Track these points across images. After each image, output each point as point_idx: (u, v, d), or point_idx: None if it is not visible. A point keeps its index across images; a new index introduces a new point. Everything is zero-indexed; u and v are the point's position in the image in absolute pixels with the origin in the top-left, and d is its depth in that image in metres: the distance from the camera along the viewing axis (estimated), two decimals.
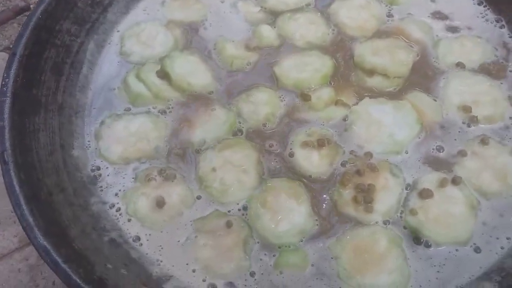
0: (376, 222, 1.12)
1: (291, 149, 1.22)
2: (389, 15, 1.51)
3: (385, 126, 1.25)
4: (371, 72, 1.35)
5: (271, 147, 1.24)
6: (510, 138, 1.25)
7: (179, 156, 1.22)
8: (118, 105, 1.33)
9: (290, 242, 1.10)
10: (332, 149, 1.22)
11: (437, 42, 1.43)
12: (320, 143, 1.21)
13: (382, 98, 1.30)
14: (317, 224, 1.13)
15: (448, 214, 1.12)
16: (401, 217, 1.13)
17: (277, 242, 1.10)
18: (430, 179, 1.18)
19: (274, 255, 1.09)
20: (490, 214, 1.14)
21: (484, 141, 1.22)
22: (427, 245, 1.09)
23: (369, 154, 1.21)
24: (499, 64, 1.39)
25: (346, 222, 1.13)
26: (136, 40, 1.44)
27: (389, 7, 1.53)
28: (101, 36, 1.45)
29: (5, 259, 1.38)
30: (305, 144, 1.21)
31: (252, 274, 1.07)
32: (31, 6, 1.81)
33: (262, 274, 1.07)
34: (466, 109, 1.28)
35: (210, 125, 1.27)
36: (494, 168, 1.19)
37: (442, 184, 1.15)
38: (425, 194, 1.14)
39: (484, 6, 1.51)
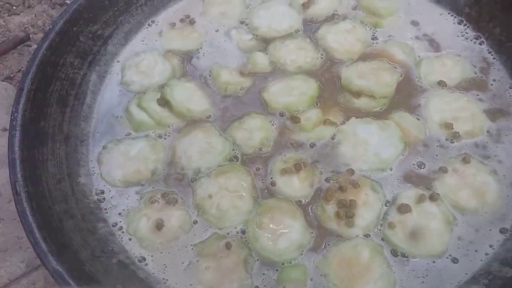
0: (357, 236, 1.18)
1: (271, 178, 1.28)
2: (374, 38, 1.58)
3: (371, 145, 1.32)
4: (358, 94, 1.42)
5: (257, 170, 1.30)
6: (491, 157, 1.31)
7: (178, 181, 1.29)
8: (120, 131, 1.40)
9: (291, 257, 1.16)
10: (309, 171, 1.29)
11: (419, 62, 1.50)
12: (297, 168, 1.27)
13: (368, 118, 1.37)
14: (313, 237, 1.19)
15: (424, 229, 1.18)
16: (380, 230, 1.20)
17: (279, 260, 1.16)
18: (409, 195, 1.24)
19: (276, 270, 1.15)
20: (466, 229, 1.20)
21: (466, 159, 1.28)
22: (404, 256, 1.16)
23: (350, 171, 1.28)
24: (479, 80, 1.46)
25: (329, 236, 1.19)
26: (135, 70, 1.52)
27: (373, 30, 1.60)
28: (102, 67, 1.53)
29: (13, 285, 1.43)
30: (284, 171, 1.27)
31: None
32: (31, 36, 1.87)
33: (265, 286, 1.14)
34: (447, 126, 1.35)
35: (207, 155, 1.33)
36: (473, 186, 1.25)
37: (420, 200, 1.22)
38: (403, 209, 1.20)
39: (464, 25, 1.59)
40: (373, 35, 1.59)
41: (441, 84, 1.45)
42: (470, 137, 1.35)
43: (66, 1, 1.98)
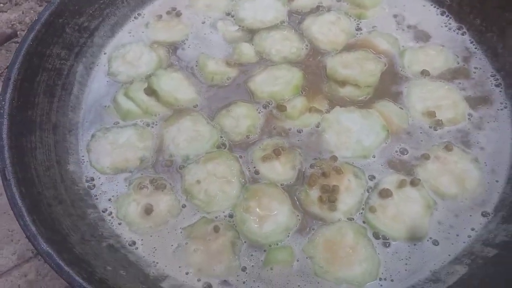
0: (339, 220, 1.21)
1: (254, 167, 1.30)
2: (358, 29, 1.62)
3: (354, 133, 1.35)
4: (343, 83, 1.45)
5: (241, 158, 1.32)
6: (473, 144, 1.35)
7: (166, 167, 1.31)
8: (108, 120, 1.42)
9: (278, 239, 1.19)
10: (289, 154, 1.32)
11: (403, 52, 1.54)
12: (277, 153, 1.30)
13: (352, 107, 1.40)
14: (299, 219, 1.22)
15: (405, 212, 1.22)
16: (362, 214, 1.22)
17: (265, 242, 1.18)
18: (390, 180, 1.27)
19: (264, 250, 1.18)
20: (446, 214, 1.23)
21: (448, 147, 1.31)
22: (385, 239, 1.19)
23: (334, 158, 1.30)
24: (461, 69, 1.50)
25: (313, 219, 1.22)
26: (122, 61, 1.54)
27: (358, 21, 1.64)
28: (89, 58, 1.54)
29: (5, 276, 1.43)
30: (265, 158, 1.30)
31: (244, 269, 1.16)
32: (18, 33, 1.87)
33: (252, 266, 1.16)
34: (430, 114, 1.38)
35: (194, 143, 1.35)
36: (454, 173, 1.29)
37: (401, 185, 1.24)
38: (384, 193, 1.23)
39: (446, 16, 1.63)
40: (357, 26, 1.62)
41: (424, 73, 1.48)
42: (453, 124, 1.38)
43: None
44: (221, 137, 1.36)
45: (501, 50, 1.48)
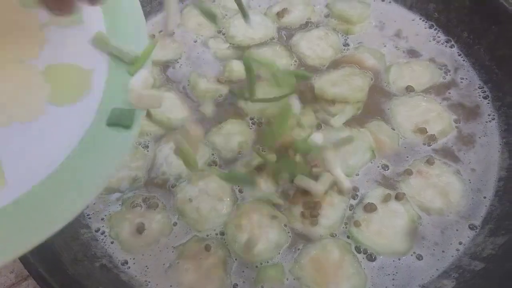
0: (321, 236, 1.21)
1: (237, 186, 1.30)
2: (345, 44, 1.63)
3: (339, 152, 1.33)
4: (332, 102, 1.45)
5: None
6: (460, 158, 1.35)
7: (159, 186, 1.31)
8: None
9: (268, 257, 1.19)
10: (270, 170, 1.31)
11: (388, 68, 1.55)
12: (258, 169, 1.31)
13: (342, 126, 1.40)
14: (290, 236, 1.22)
15: (389, 227, 1.21)
16: (345, 228, 1.22)
17: (257, 260, 1.18)
18: (375, 194, 1.26)
19: (256, 266, 1.18)
20: (431, 230, 1.23)
21: (429, 161, 1.31)
22: (367, 253, 1.19)
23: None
24: (448, 83, 1.51)
25: (297, 237, 1.22)
26: None
27: (346, 36, 1.65)
28: None
29: None
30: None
31: (235, 286, 1.16)
32: None
33: (244, 283, 1.16)
34: (421, 131, 1.38)
35: None
36: (437, 186, 1.28)
37: (385, 199, 1.24)
38: (369, 208, 1.23)
39: (435, 29, 1.64)
40: (345, 41, 1.64)
41: (409, 89, 1.48)
42: (444, 135, 1.39)
43: None
44: (212, 154, 1.36)
45: (488, 62, 1.49)
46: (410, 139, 1.39)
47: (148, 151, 1.38)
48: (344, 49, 1.62)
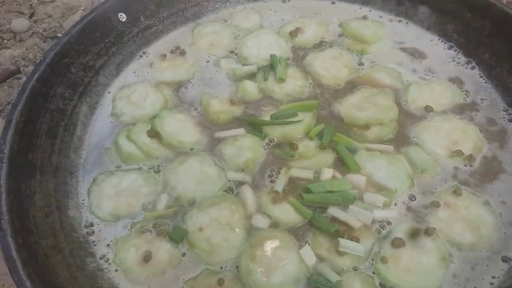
0: (343, 269, 1.09)
1: (264, 213, 1.18)
2: (360, 64, 1.54)
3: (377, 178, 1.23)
4: (366, 126, 1.35)
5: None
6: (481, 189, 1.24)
7: (171, 212, 1.19)
8: (110, 163, 1.32)
9: None
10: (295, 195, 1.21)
11: (407, 87, 1.45)
12: (285, 192, 1.20)
13: (377, 152, 1.28)
14: (310, 272, 1.09)
15: (418, 264, 1.09)
16: (371, 264, 1.10)
17: None
18: (403, 228, 1.15)
19: None
20: (461, 267, 1.11)
21: (457, 192, 1.19)
22: None
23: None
24: (470, 105, 1.41)
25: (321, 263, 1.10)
26: (127, 101, 1.45)
27: (360, 56, 1.56)
28: (93, 98, 1.46)
29: None
30: (274, 201, 1.19)
31: None
32: (22, 69, 1.81)
33: None
34: (457, 153, 1.28)
35: (202, 185, 1.23)
36: (467, 219, 1.16)
37: (414, 233, 1.13)
38: (397, 243, 1.11)
39: (454, 50, 1.55)
40: (360, 61, 1.55)
41: (428, 109, 1.39)
42: (479, 152, 1.29)
43: (58, 35, 1.94)
44: (229, 181, 1.25)
45: None
46: (445, 164, 1.27)
47: (159, 175, 1.27)
48: (359, 69, 1.52)
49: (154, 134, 1.34)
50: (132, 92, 1.47)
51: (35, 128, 1.26)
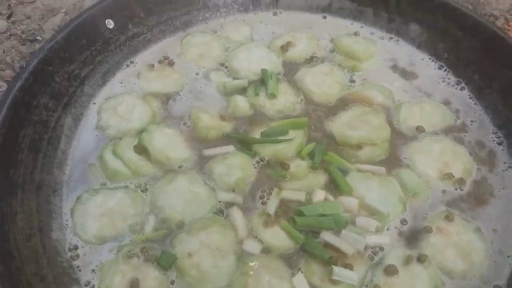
0: None
1: (255, 237, 1.14)
2: (351, 81, 1.51)
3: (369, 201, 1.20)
4: (358, 146, 1.32)
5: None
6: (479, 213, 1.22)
7: (159, 235, 1.14)
8: (95, 180, 1.25)
9: None
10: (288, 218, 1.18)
11: (399, 106, 1.43)
12: (277, 215, 1.17)
13: (369, 173, 1.25)
14: None
15: None
16: None
17: None
18: (396, 254, 1.12)
19: None
20: None
21: (449, 217, 1.18)
22: None
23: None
24: (460, 126, 1.40)
25: None
26: (113, 113, 1.38)
27: (351, 73, 1.53)
28: (78, 109, 1.40)
29: None
30: (266, 224, 1.15)
31: None
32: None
33: None
34: (448, 176, 1.26)
35: (191, 206, 1.18)
36: (459, 246, 1.14)
37: (407, 261, 1.10)
38: (390, 270, 1.08)
39: (444, 70, 1.54)
40: (351, 78, 1.52)
41: (419, 129, 1.37)
42: (469, 175, 1.28)
43: (37, 37, 1.86)
44: (220, 202, 1.20)
45: (502, 107, 1.39)
46: (435, 187, 1.26)
47: (147, 195, 1.21)
48: (350, 86, 1.49)
49: (141, 149, 1.28)
50: (119, 104, 1.41)
51: (17, 142, 1.19)
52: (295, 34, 1.64)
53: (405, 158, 1.32)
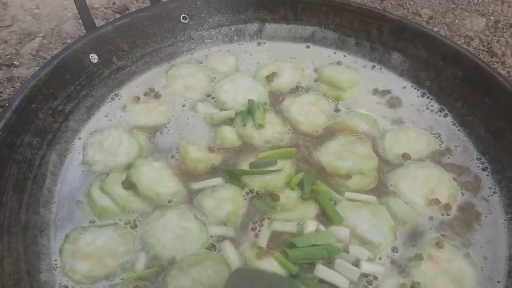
0: None
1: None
2: (336, 110, 1.53)
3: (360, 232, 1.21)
4: (347, 176, 1.32)
5: None
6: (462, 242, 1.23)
7: (149, 274, 1.11)
8: (83, 217, 1.22)
9: None
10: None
11: (383, 134, 1.45)
12: (270, 247, 1.16)
13: (359, 202, 1.26)
14: None
15: None
16: None
17: None
18: (390, 284, 1.12)
19: None
20: None
21: (439, 244, 1.18)
22: None
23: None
24: (444, 152, 1.42)
25: None
26: (99, 148, 1.36)
27: (336, 102, 1.55)
28: (63, 145, 1.37)
29: None
30: (258, 256, 1.14)
31: None
32: None
33: None
34: (435, 202, 1.27)
35: (182, 242, 1.16)
36: (449, 273, 1.14)
37: None
38: None
39: (427, 98, 1.57)
40: (336, 107, 1.54)
41: (405, 156, 1.39)
42: (454, 200, 1.29)
43: (14, 62, 1.83)
44: (211, 237, 1.19)
45: (484, 134, 1.42)
46: (424, 214, 1.27)
47: (137, 231, 1.19)
48: (335, 115, 1.51)
49: (129, 185, 1.26)
50: (105, 138, 1.39)
51: (1, 183, 1.16)
52: (280, 64, 1.66)
53: (391, 185, 1.33)
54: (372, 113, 1.52)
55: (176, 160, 1.36)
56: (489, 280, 1.16)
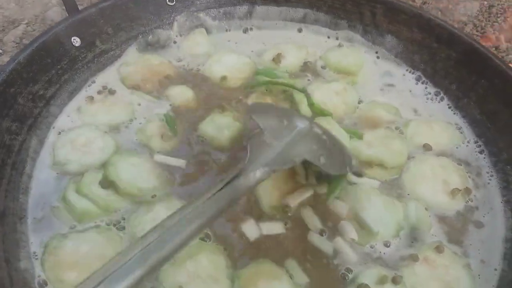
0: None
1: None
2: (359, 101, 1.48)
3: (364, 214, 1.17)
4: (368, 164, 1.29)
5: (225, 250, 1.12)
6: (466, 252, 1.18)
7: None
8: (61, 224, 1.14)
9: None
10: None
11: (407, 123, 1.41)
12: None
13: (377, 191, 1.23)
14: None
15: None
16: None
17: None
18: (370, 274, 1.08)
19: None
20: None
21: (439, 249, 1.13)
22: None
23: None
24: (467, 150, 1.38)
25: None
26: (71, 147, 1.28)
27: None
28: (44, 131, 1.33)
29: None
30: None
31: None
32: None
33: None
34: (455, 192, 1.24)
35: None
36: (444, 280, 1.09)
37: (381, 281, 1.06)
38: None
39: (422, 83, 1.54)
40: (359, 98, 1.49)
41: (426, 147, 1.35)
42: (467, 194, 1.26)
43: None
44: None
45: (479, 116, 1.40)
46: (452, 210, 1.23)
47: (124, 233, 1.12)
48: (358, 107, 1.47)
49: (108, 184, 1.18)
50: (77, 136, 1.31)
51: None
52: (280, 46, 1.61)
53: (408, 194, 1.27)
54: (391, 101, 1.49)
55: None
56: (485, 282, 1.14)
